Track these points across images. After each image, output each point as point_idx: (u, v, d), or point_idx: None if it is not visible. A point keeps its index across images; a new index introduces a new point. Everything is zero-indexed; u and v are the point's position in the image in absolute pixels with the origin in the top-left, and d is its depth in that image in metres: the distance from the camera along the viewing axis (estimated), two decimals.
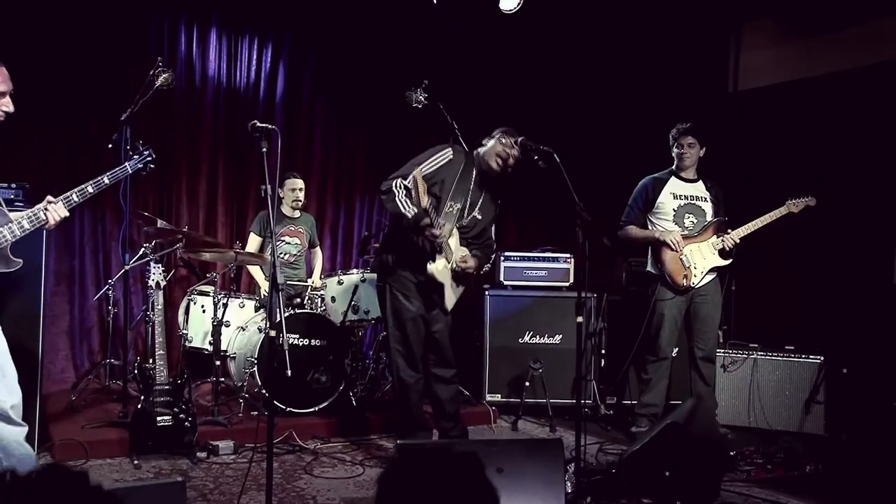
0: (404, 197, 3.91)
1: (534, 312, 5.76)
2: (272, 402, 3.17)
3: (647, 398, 5.21)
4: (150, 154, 3.64)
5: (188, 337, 5.50)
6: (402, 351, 4.07)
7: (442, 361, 4.25)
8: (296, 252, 5.98)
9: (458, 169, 4.01)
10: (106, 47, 5.88)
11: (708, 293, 5.15)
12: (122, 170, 3.48)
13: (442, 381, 4.27)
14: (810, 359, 5.34)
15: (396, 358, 4.08)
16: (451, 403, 4.30)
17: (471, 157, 4.19)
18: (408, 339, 4.05)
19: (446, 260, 4.03)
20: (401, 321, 4.06)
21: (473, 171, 4.13)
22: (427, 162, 4.02)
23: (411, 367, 4.08)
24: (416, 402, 4.14)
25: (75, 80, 5.75)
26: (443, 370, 4.26)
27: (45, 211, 3.15)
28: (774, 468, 4.37)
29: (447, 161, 4.01)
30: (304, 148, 6.82)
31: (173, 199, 6.27)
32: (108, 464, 4.21)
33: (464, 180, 4.04)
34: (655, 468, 3.55)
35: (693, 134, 5.14)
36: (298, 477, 4.07)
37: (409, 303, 4.06)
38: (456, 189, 4.00)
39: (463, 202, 4.08)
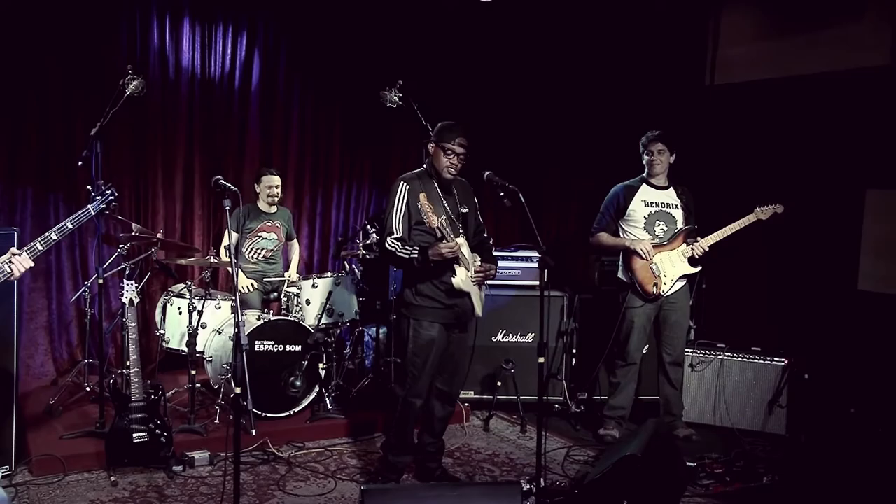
0: (402, 247, 3.95)
1: (506, 311, 5.84)
2: (237, 453, 3.24)
3: (615, 401, 5.35)
4: (113, 193, 3.65)
5: (165, 338, 5.57)
6: (416, 375, 4.11)
7: (450, 384, 4.32)
8: (272, 247, 6.02)
9: (420, 190, 4.03)
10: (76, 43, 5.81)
11: (677, 300, 5.24)
12: (85, 213, 3.50)
13: (443, 399, 4.34)
14: (775, 361, 5.47)
15: (410, 381, 4.13)
16: (440, 423, 4.40)
17: (423, 172, 4.19)
18: (425, 364, 4.09)
19: (465, 269, 4.08)
20: (419, 346, 4.09)
21: (433, 182, 4.14)
22: (395, 209, 4.04)
23: (419, 392, 4.14)
24: (413, 426, 4.24)
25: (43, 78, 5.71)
26: (448, 390, 4.33)
27: (10, 264, 3.18)
28: (733, 480, 4.51)
29: (407, 191, 4.04)
30: (280, 136, 6.80)
31: (149, 193, 6.27)
32: (86, 479, 4.31)
33: (430, 195, 4.06)
34: (613, 497, 3.68)
35: (663, 141, 5.17)
36: (271, 495, 4.19)
37: (432, 329, 4.09)
38: (433, 204, 4.03)
39: (445, 210, 4.12)
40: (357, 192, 7.19)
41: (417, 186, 4.04)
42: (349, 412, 5.33)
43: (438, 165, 4.10)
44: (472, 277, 4.11)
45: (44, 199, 5.87)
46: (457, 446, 5.10)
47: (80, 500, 4.05)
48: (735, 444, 5.18)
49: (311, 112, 6.87)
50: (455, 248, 3.88)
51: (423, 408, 4.23)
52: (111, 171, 6.00)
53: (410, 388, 4.12)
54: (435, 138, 4.10)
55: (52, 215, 5.90)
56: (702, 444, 5.22)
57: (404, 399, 4.14)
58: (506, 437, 5.35)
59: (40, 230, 5.73)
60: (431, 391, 4.27)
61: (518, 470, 4.68)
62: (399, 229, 4.02)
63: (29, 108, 5.71)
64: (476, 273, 4.14)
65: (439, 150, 4.07)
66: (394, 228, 4.03)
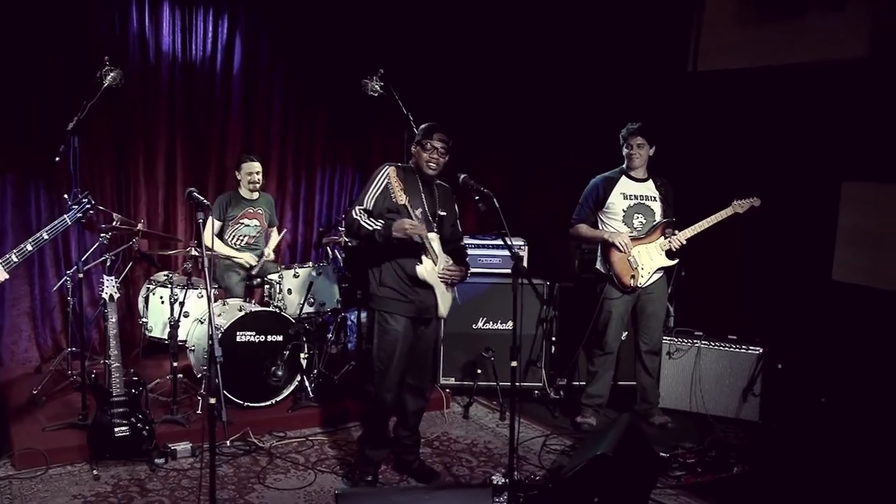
0: (366, 218, 3.99)
1: (487, 299, 5.89)
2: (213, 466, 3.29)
3: (592, 389, 5.44)
4: (90, 202, 3.68)
5: (148, 326, 5.62)
6: (382, 369, 4.17)
7: (419, 379, 4.39)
8: (255, 234, 6.03)
9: (401, 174, 4.06)
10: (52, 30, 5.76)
11: (654, 291, 5.32)
12: (61, 223, 3.54)
13: (414, 394, 4.41)
14: (750, 350, 5.56)
15: (377, 376, 4.20)
16: (414, 416, 4.47)
17: (409, 168, 4.24)
18: (391, 359, 4.15)
19: (433, 262, 4.12)
20: (386, 342, 4.15)
21: (416, 176, 4.18)
22: (374, 186, 4.09)
23: (389, 387, 4.19)
24: (386, 419, 4.30)
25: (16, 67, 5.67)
26: (418, 385, 4.40)
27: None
28: (704, 471, 4.62)
29: (389, 175, 4.04)
30: (262, 120, 6.80)
31: (131, 180, 6.27)
32: (69, 472, 4.37)
33: (412, 187, 4.11)
34: (585, 495, 3.77)
35: (642, 134, 5.20)
36: (251, 488, 4.26)
37: (396, 322, 4.14)
38: (411, 196, 4.07)
39: (422, 205, 4.15)
40: (340, 177, 7.20)
41: (400, 173, 4.06)
42: (331, 400, 5.40)
43: (420, 163, 4.16)
44: (439, 273, 4.15)
45: (23, 186, 5.86)
46: (436, 435, 5.19)
47: (63, 494, 4.11)
48: (709, 432, 5.29)
49: (294, 96, 6.86)
50: (419, 228, 3.92)
51: (395, 401, 4.29)
52: (91, 157, 6.02)
53: (379, 384, 4.18)
54: (417, 138, 4.18)
55: (32, 203, 5.91)
56: (677, 432, 5.33)
57: (374, 395, 4.21)
58: (485, 424, 5.44)
59: (20, 219, 5.79)
60: (403, 386, 4.33)
61: (495, 461, 4.77)
62: (369, 205, 4.05)
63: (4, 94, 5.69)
64: (445, 270, 4.17)
65: (419, 148, 4.15)
66: (364, 201, 4.07)
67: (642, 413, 5.51)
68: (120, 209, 6.12)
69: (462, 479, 4.48)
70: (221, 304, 5.45)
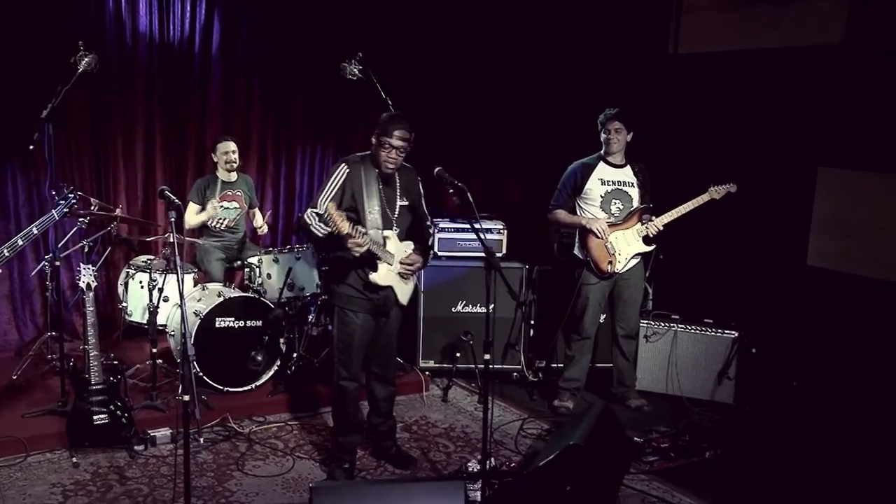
0: (316, 221, 3.98)
1: (466, 283, 5.93)
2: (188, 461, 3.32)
3: (570, 373, 5.51)
4: (75, 196, 3.70)
5: (128, 311, 5.64)
6: (343, 360, 4.22)
7: (384, 367, 4.44)
8: (234, 216, 6.02)
9: (360, 176, 4.05)
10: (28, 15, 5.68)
11: (632, 277, 5.36)
12: (49, 218, 3.63)
13: (381, 381, 4.46)
14: (725, 334, 5.62)
15: (338, 367, 4.24)
16: (385, 402, 4.52)
17: (367, 157, 4.16)
18: (350, 350, 4.19)
19: (388, 264, 4.14)
20: (345, 333, 4.19)
21: (374, 170, 4.13)
22: (329, 187, 4.05)
23: (350, 377, 4.25)
24: (353, 407, 4.34)
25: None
26: (383, 373, 4.45)
27: None
28: (677, 456, 4.70)
29: (346, 175, 4.03)
30: (242, 100, 6.75)
31: (109, 163, 6.24)
32: (48, 459, 4.41)
33: (369, 184, 4.09)
34: (557, 484, 3.83)
35: (620, 120, 5.20)
36: (230, 475, 4.31)
37: (355, 316, 4.17)
38: (367, 194, 4.06)
39: (380, 202, 4.13)
40: (321, 158, 7.17)
41: (358, 172, 4.05)
42: (311, 384, 5.45)
43: (378, 159, 4.07)
44: (397, 270, 4.18)
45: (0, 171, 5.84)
46: (415, 419, 5.25)
47: (42, 482, 4.15)
48: (684, 415, 5.38)
49: (274, 76, 6.81)
50: (368, 242, 3.91)
51: (361, 388, 4.37)
52: (69, 141, 5.99)
53: (340, 374, 4.23)
54: (375, 131, 4.06)
55: (9, 184, 5.88)
56: (652, 414, 5.42)
57: (337, 385, 4.26)
58: (463, 408, 5.50)
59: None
60: (370, 375, 4.39)
61: (472, 446, 4.83)
62: (323, 207, 4.00)
63: None
64: (402, 265, 4.19)
65: (378, 143, 4.04)
66: (318, 203, 4.04)
67: (619, 396, 5.59)
68: (99, 193, 6.10)
69: (439, 465, 4.55)
70: (201, 289, 5.46)
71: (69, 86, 4.78)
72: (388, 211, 4.17)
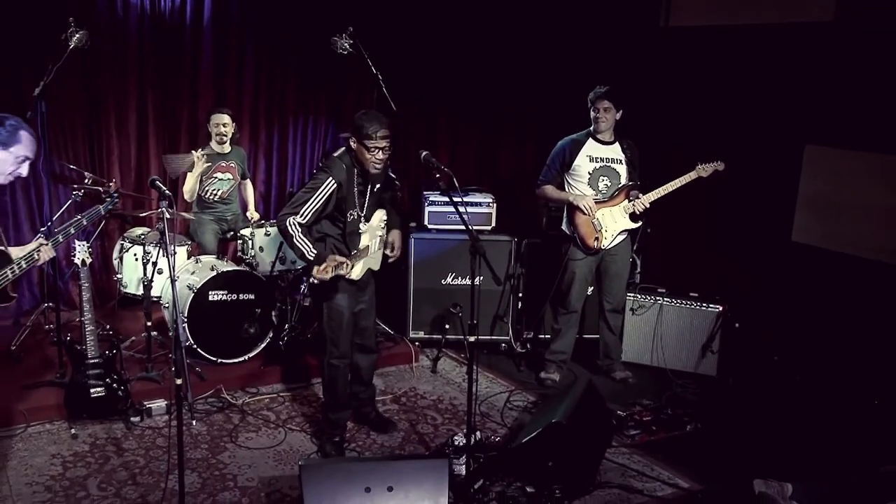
0: (301, 235, 4.01)
1: (456, 255, 6.01)
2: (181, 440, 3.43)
3: (556, 346, 5.63)
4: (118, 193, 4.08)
5: (123, 282, 5.73)
6: (334, 340, 4.34)
7: (365, 337, 4.59)
8: (228, 188, 6.08)
9: (345, 184, 4.08)
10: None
11: (618, 252, 5.46)
12: (95, 212, 3.87)
13: (363, 351, 4.62)
14: (710, 308, 5.73)
15: (330, 346, 4.36)
16: (367, 371, 4.68)
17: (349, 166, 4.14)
18: (341, 330, 4.32)
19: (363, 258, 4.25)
20: (335, 313, 4.30)
21: (355, 172, 4.15)
22: (315, 200, 4.04)
23: (340, 354, 4.37)
24: (344, 384, 4.47)
25: None
26: (365, 343, 4.60)
27: (38, 252, 3.58)
28: (659, 429, 4.84)
29: (333, 188, 4.04)
30: (234, 71, 6.75)
31: (103, 136, 6.28)
32: (47, 430, 4.54)
33: (350, 192, 4.13)
34: (539, 460, 3.98)
35: (609, 98, 5.24)
36: (223, 447, 4.45)
37: (340, 296, 4.28)
38: (349, 202, 4.12)
39: (360, 203, 4.20)
40: (314, 126, 7.20)
41: (341, 178, 4.06)
42: (303, 355, 5.57)
43: (363, 162, 4.07)
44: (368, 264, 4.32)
45: None
46: (404, 391, 5.38)
47: (42, 453, 4.28)
48: (668, 387, 5.51)
49: (265, 47, 6.79)
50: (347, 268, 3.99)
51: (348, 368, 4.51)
52: (62, 114, 6.02)
53: (332, 352, 4.36)
54: (354, 135, 4.04)
55: None
56: (637, 386, 5.56)
57: (329, 363, 4.39)
58: (452, 379, 5.63)
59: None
60: (353, 347, 4.54)
61: (459, 418, 4.97)
62: (308, 219, 4.03)
63: None
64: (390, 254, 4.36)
65: (361, 146, 4.03)
66: (303, 213, 4.02)
67: (605, 368, 5.73)
68: (93, 166, 6.15)
69: (426, 438, 4.69)
70: (194, 262, 5.55)
71: (60, 63, 4.81)
72: (363, 207, 4.25)
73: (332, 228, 4.22)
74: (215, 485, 4.06)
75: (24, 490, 3.91)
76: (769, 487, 3.99)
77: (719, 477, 4.31)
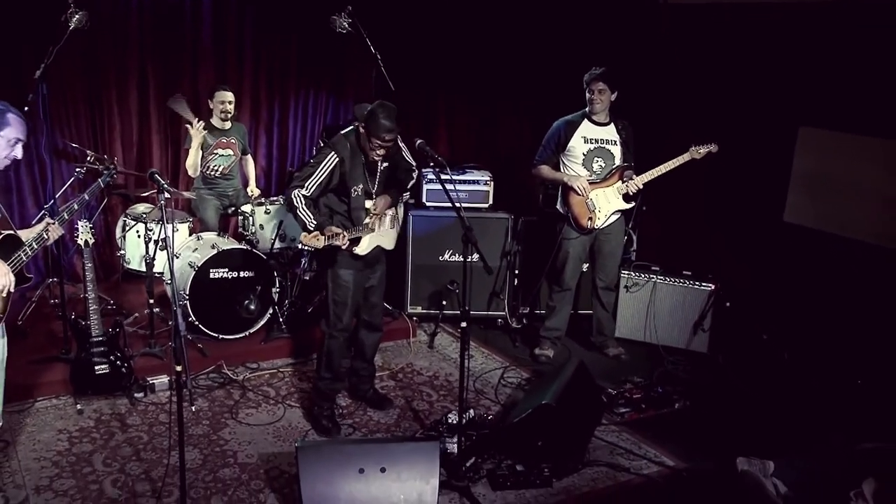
0: (304, 207, 4.13)
1: (453, 232, 6.07)
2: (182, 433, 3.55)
3: (550, 323, 5.75)
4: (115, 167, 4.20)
5: (126, 258, 5.85)
6: (338, 313, 4.46)
7: (373, 315, 4.71)
8: (228, 164, 6.15)
9: (347, 160, 4.18)
10: None
11: (612, 232, 5.55)
12: (96, 186, 3.98)
13: (370, 328, 4.74)
14: (702, 286, 5.83)
15: (333, 319, 4.47)
16: (371, 348, 4.82)
17: (355, 142, 4.25)
18: (346, 304, 4.43)
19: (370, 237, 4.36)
20: (341, 289, 4.41)
21: (360, 152, 4.25)
22: (318, 173, 4.17)
23: (344, 328, 4.50)
24: (339, 356, 4.58)
25: None
26: (372, 320, 4.72)
27: (47, 232, 3.68)
28: (648, 407, 4.97)
29: (335, 164, 4.16)
30: (235, 47, 6.78)
31: (104, 112, 6.34)
32: (54, 406, 4.69)
33: (355, 166, 4.23)
34: (529, 439, 4.11)
35: (604, 80, 5.28)
36: (224, 424, 4.59)
37: (347, 269, 4.39)
38: (353, 176, 4.21)
39: (363, 180, 4.29)
40: (314, 101, 7.24)
41: (346, 158, 4.18)
42: (303, 330, 5.69)
43: (365, 149, 4.20)
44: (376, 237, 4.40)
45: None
46: (401, 367, 5.51)
47: (49, 428, 4.44)
48: (659, 363, 5.64)
49: (266, 22, 6.81)
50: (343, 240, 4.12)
51: (350, 339, 4.64)
52: (64, 92, 6.08)
53: (334, 326, 4.48)
54: (364, 124, 4.14)
55: None
56: (630, 363, 5.69)
57: (330, 335, 4.51)
58: (448, 355, 5.76)
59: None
60: (360, 322, 4.67)
61: (454, 395, 5.05)
62: (312, 192, 4.17)
63: None
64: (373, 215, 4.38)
65: (366, 137, 4.15)
66: (307, 186, 4.17)
67: (598, 344, 5.86)
68: (94, 143, 6.23)
69: (421, 415, 4.83)
70: (196, 240, 5.65)
71: (61, 44, 4.87)
72: (369, 184, 4.35)
73: (339, 204, 4.33)
74: (216, 461, 4.21)
75: (32, 465, 4.07)
76: (752, 465, 4.13)
77: (705, 455, 4.44)
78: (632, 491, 4.15)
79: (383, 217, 4.46)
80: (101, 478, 4.00)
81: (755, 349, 5.70)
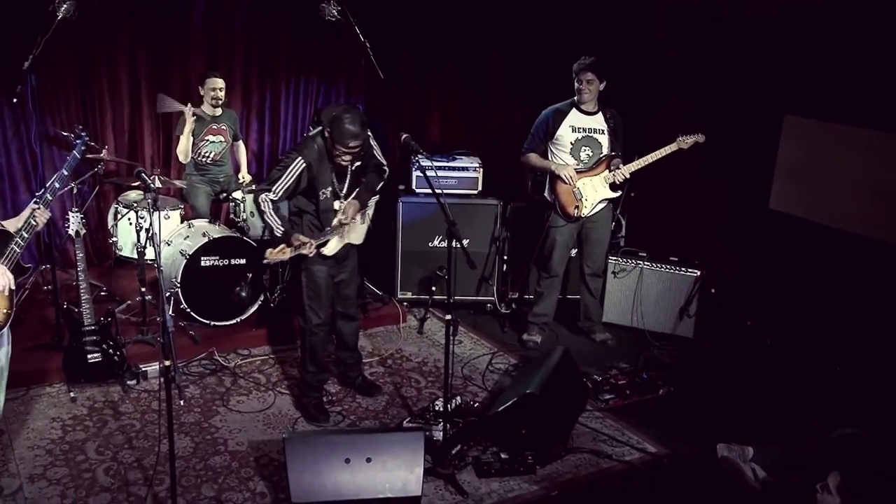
0: (271, 212, 4.20)
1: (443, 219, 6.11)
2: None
3: (538, 308, 5.83)
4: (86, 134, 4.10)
5: (118, 245, 5.90)
6: (314, 307, 4.53)
7: (347, 305, 4.79)
8: (219, 150, 6.18)
9: (315, 164, 4.21)
10: None
11: (599, 220, 5.61)
12: (73, 159, 3.92)
13: (346, 318, 4.83)
14: (688, 272, 5.90)
15: (310, 314, 4.54)
16: (351, 337, 4.90)
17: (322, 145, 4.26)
18: (320, 297, 4.51)
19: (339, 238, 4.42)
20: (314, 283, 4.48)
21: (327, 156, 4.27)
22: (285, 177, 4.21)
23: (322, 321, 4.57)
24: (321, 349, 4.66)
25: None
26: (346, 311, 4.80)
27: (34, 217, 3.68)
28: (632, 394, 5.06)
29: (302, 169, 4.19)
30: (226, 33, 6.76)
31: (95, 97, 6.35)
32: (48, 393, 4.77)
33: (322, 171, 4.26)
34: (513, 428, 4.20)
35: (593, 70, 5.31)
36: (215, 411, 4.68)
37: (320, 266, 4.46)
38: (321, 181, 4.26)
39: (331, 183, 4.33)
40: (305, 86, 7.24)
41: (313, 164, 4.22)
42: (293, 317, 5.74)
43: (331, 154, 4.22)
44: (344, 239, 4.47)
45: None
46: (390, 352, 5.59)
47: (42, 416, 4.52)
48: (646, 348, 5.73)
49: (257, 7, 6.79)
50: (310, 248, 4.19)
51: (330, 332, 4.73)
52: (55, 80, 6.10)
53: (310, 319, 4.55)
54: (329, 130, 4.13)
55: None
56: (616, 348, 5.79)
57: (310, 331, 4.58)
58: (437, 340, 5.83)
59: None
60: (336, 315, 4.76)
61: (442, 381, 5.14)
62: (280, 196, 4.24)
63: None
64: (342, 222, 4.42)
65: (331, 143, 4.15)
66: (275, 190, 4.22)
67: (585, 329, 5.94)
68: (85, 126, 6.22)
69: (409, 402, 4.91)
70: (187, 227, 5.70)
71: (49, 34, 4.87)
72: (338, 186, 4.39)
73: (308, 205, 4.40)
74: (207, 449, 4.29)
75: (26, 454, 4.15)
76: (731, 451, 4.23)
77: (686, 441, 4.53)
78: (613, 477, 4.24)
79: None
80: (94, 466, 4.09)
81: (739, 335, 5.79)
